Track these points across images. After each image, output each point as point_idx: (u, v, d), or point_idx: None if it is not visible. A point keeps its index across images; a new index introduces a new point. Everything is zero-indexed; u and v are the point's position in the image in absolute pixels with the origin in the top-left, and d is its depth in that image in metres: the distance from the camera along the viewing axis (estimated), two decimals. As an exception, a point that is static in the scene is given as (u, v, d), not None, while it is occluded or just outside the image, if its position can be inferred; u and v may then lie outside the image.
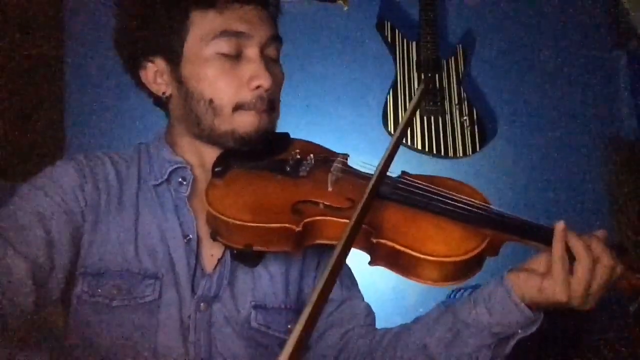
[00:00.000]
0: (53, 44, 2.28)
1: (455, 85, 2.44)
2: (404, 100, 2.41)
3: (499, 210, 0.97)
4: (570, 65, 2.56)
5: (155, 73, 1.09)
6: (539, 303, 0.92)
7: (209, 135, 1.07)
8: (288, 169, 1.07)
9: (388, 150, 0.98)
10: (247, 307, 1.07)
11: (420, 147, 2.38)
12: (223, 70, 1.04)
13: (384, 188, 1.01)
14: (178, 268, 1.03)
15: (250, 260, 1.07)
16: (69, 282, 1.01)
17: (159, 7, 1.04)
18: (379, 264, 0.95)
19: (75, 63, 2.32)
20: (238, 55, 1.04)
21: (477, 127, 2.41)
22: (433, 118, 2.41)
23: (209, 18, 1.03)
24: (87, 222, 1.03)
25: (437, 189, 1.01)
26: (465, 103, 2.43)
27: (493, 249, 0.94)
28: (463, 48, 2.49)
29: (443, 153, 2.39)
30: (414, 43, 2.45)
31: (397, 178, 1.06)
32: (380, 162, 0.97)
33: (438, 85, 2.43)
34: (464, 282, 0.93)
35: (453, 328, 0.99)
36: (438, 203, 0.98)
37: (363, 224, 0.93)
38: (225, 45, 1.03)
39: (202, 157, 1.11)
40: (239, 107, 1.04)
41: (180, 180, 1.09)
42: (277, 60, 1.11)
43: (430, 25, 2.43)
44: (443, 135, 2.40)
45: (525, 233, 0.93)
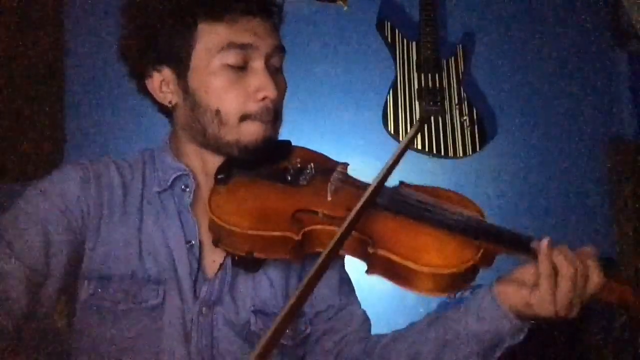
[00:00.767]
0: (53, 44, 2.28)
1: (455, 85, 2.44)
2: (404, 100, 2.41)
3: (493, 224, 0.99)
4: (570, 66, 2.56)
5: (162, 82, 1.09)
6: (526, 314, 0.94)
7: (214, 144, 1.08)
8: (289, 178, 1.09)
9: (388, 164, 0.98)
10: (247, 311, 1.08)
11: (420, 147, 2.38)
12: (230, 82, 1.05)
13: (383, 199, 1.02)
14: (181, 273, 1.05)
15: (251, 267, 1.08)
16: (68, 286, 1.01)
17: (167, 17, 1.05)
18: (376, 274, 0.96)
19: (75, 63, 2.32)
20: (244, 67, 1.06)
21: (477, 127, 2.41)
22: (433, 118, 2.40)
23: (217, 30, 1.04)
24: (89, 227, 1.04)
25: (433, 201, 1.03)
26: (465, 103, 2.43)
27: (487, 261, 0.96)
28: (463, 48, 2.49)
29: (443, 153, 2.39)
30: (414, 43, 2.45)
31: (394, 188, 1.07)
32: (380, 173, 0.98)
33: (438, 85, 2.43)
34: (459, 291, 0.96)
35: (444, 336, 1.01)
36: (434, 215, 0.99)
37: (360, 234, 0.95)
38: (232, 57, 1.04)
39: (205, 164, 1.12)
40: (245, 117, 1.06)
41: (183, 188, 1.10)
42: (280, 69, 1.12)
43: (430, 25, 2.43)
44: (443, 135, 2.40)
45: (517, 246, 0.95)
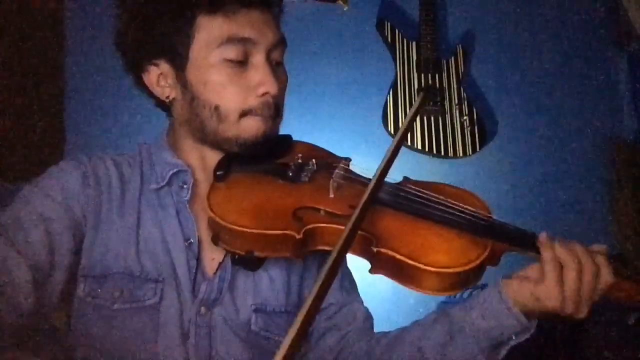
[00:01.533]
0: (53, 44, 2.28)
1: (455, 85, 2.44)
2: (404, 100, 2.41)
3: (500, 220, 0.97)
4: (571, 66, 2.56)
5: (159, 76, 1.07)
6: (533, 310, 0.93)
7: (213, 140, 1.06)
8: (290, 174, 1.06)
9: (387, 156, 0.96)
10: (247, 310, 1.06)
11: (420, 147, 2.38)
12: (229, 77, 1.02)
13: (386, 195, 0.99)
14: (179, 271, 1.03)
15: (251, 265, 1.06)
16: (70, 283, 1.00)
17: (165, 9, 1.03)
18: (380, 273, 0.94)
19: (75, 63, 2.31)
20: (244, 61, 1.03)
21: (477, 127, 2.41)
22: (433, 118, 2.41)
23: (216, 23, 1.02)
24: (88, 224, 1.02)
25: (438, 197, 1.00)
26: (465, 103, 2.43)
27: (494, 259, 0.94)
28: (463, 48, 2.49)
29: (443, 153, 2.39)
30: (414, 43, 2.45)
31: (398, 185, 1.04)
32: (379, 167, 0.96)
33: (438, 85, 2.43)
34: (463, 290, 0.93)
35: (448, 332, 0.99)
36: (439, 212, 0.97)
37: (364, 232, 0.92)
38: (232, 52, 1.02)
39: (204, 159, 1.10)
40: (245, 113, 1.03)
41: (181, 185, 1.08)
42: (281, 63, 1.10)
43: (430, 25, 2.43)
44: (443, 135, 2.40)
45: (525, 244, 0.93)
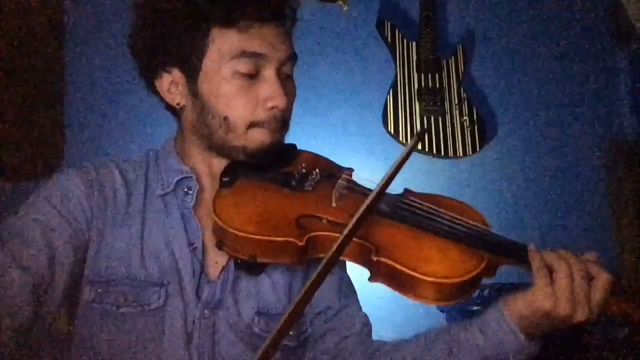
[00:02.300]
0: (53, 44, 2.28)
1: (455, 85, 2.44)
2: (404, 100, 2.41)
3: (496, 234, 1.00)
4: (571, 65, 2.56)
5: (171, 83, 1.09)
6: (531, 318, 0.94)
7: (220, 148, 1.08)
8: (294, 183, 1.09)
9: (390, 171, 0.97)
10: (250, 313, 1.08)
11: (420, 147, 2.38)
12: (240, 89, 1.05)
13: (386, 207, 1.02)
14: (183, 275, 1.05)
15: (254, 270, 1.08)
16: (71, 292, 1.01)
17: (180, 20, 1.04)
18: (379, 281, 0.96)
19: (75, 63, 2.32)
20: (255, 74, 1.05)
21: (477, 127, 2.41)
22: (433, 118, 2.41)
23: (230, 36, 1.04)
24: (93, 231, 1.04)
25: (437, 210, 1.03)
26: (465, 103, 2.43)
27: (490, 270, 0.97)
28: (463, 48, 2.49)
29: (443, 153, 2.39)
30: (414, 43, 2.45)
31: (399, 196, 1.07)
32: (381, 180, 0.97)
33: (438, 85, 2.43)
34: (461, 301, 0.96)
35: (448, 348, 1.01)
36: (438, 224, 1.00)
37: (364, 242, 0.95)
38: (244, 66, 1.04)
39: (210, 166, 1.12)
40: (253, 125, 1.06)
41: (186, 190, 1.10)
42: (291, 76, 1.12)
43: (430, 25, 2.43)
44: (443, 135, 2.40)
45: (521, 257, 0.96)
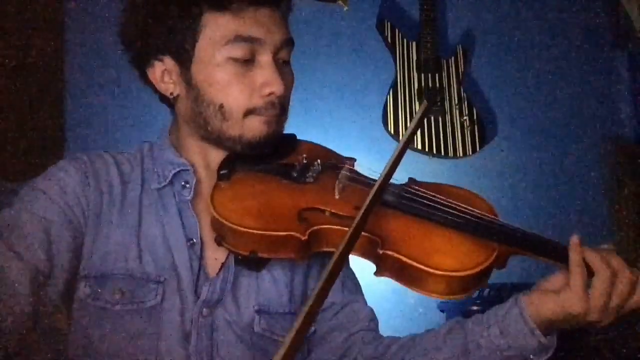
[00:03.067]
0: (53, 44, 2.28)
1: (455, 85, 2.44)
2: (404, 100, 2.41)
3: (507, 223, 0.95)
4: (570, 66, 2.56)
5: (164, 72, 1.06)
6: (556, 320, 0.90)
7: (217, 139, 1.05)
8: (295, 175, 1.04)
9: (392, 158, 0.94)
10: (250, 311, 1.05)
11: (420, 147, 2.38)
12: (235, 76, 1.01)
13: (391, 197, 0.98)
14: (181, 272, 1.01)
15: (255, 266, 1.04)
16: (70, 285, 0.99)
17: (171, 4, 1.02)
18: (385, 275, 0.92)
19: (75, 63, 2.32)
20: (250, 60, 1.02)
21: (477, 127, 2.41)
22: (433, 118, 2.41)
23: (223, 21, 1.00)
24: (89, 224, 1.01)
25: (445, 200, 0.98)
26: (465, 103, 2.43)
27: (501, 262, 0.93)
28: (463, 48, 2.49)
29: (443, 153, 2.39)
30: (414, 43, 2.45)
31: (404, 186, 1.03)
32: (384, 169, 0.94)
33: (438, 85, 2.43)
34: (470, 294, 0.92)
35: (463, 346, 0.97)
36: (446, 214, 0.96)
37: (369, 234, 0.91)
38: (239, 51, 1.00)
39: (207, 158, 1.09)
40: (250, 112, 1.02)
41: (183, 184, 1.07)
42: (288, 62, 1.08)
43: (430, 25, 2.43)
44: (443, 135, 2.40)
45: (534, 247, 0.92)
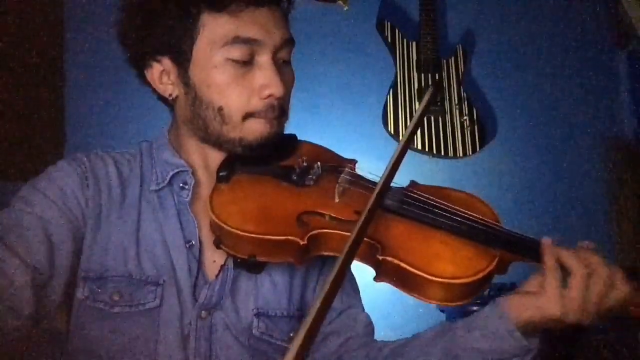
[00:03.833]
0: (53, 44, 2.28)
1: (455, 85, 2.44)
2: (404, 100, 2.41)
3: (510, 230, 0.94)
4: (570, 66, 2.57)
5: (162, 73, 1.04)
6: (535, 322, 0.90)
7: (216, 141, 1.04)
8: (294, 177, 1.03)
9: (393, 160, 0.92)
10: (249, 314, 1.04)
11: (420, 147, 2.38)
12: (234, 78, 1.00)
13: (392, 202, 0.97)
14: (179, 275, 1.01)
15: (254, 268, 1.03)
16: (70, 286, 0.98)
17: (168, 4, 0.99)
18: (384, 281, 0.92)
19: (75, 63, 2.32)
20: (249, 61, 1.00)
21: (477, 127, 2.42)
22: (433, 118, 2.41)
23: (221, 22, 0.98)
24: (88, 224, 1.00)
25: (446, 205, 0.97)
26: (465, 103, 2.43)
27: (502, 268, 0.92)
28: (463, 48, 2.49)
29: (443, 153, 2.39)
30: (414, 43, 2.45)
31: (405, 190, 1.01)
32: (384, 172, 0.92)
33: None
34: (471, 300, 0.91)
35: (450, 349, 0.97)
36: (447, 220, 0.94)
37: (369, 239, 0.90)
38: (237, 52, 0.99)
39: (206, 159, 1.08)
40: (249, 115, 1.01)
41: (182, 185, 1.06)
42: (288, 62, 1.07)
43: (430, 25, 2.43)
44: (443, 135, 2.40)
45: (536, 255, 0.90)
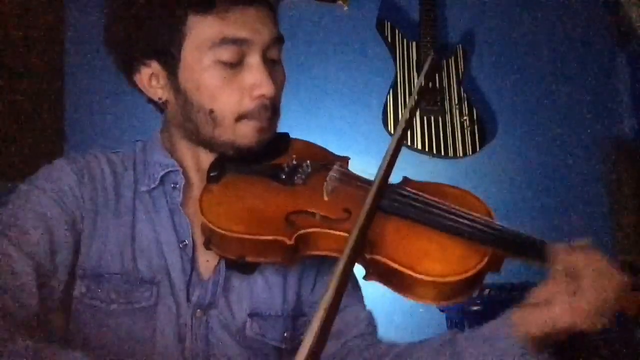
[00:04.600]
0: (53, 45, 2.28)
1: (455, 85, 2.44)
2: (404, 101, 2.41)
3: (502, 226, 0.91)
4: (570, 66, 2.57)
5: (151, 77, 1.03)
6: (547, 335, 0.86)
7: (208, 143, 1.04)
8: (283, 177, 1.02)
9: (387, 157, 0.90)
10: (242, 315, 1.04)
11: (420, 147, 2.38)
12: (223, 80, 0.99)
13: (383, 200, 0.95)
14: (173, 274, 1.01)
15: (245, 269, 1.03)
16: (70, 282, 0.99)
17: (154, 8, 0.99)
18: (374, 279, 0.90)
19: (75, 63, 2.32)
20: (239, 62, 0.99)
21: (477, 127, 2.42)
22: (433, 118, 2.41)
23: (208, 23, 0.97)
24: (85, 222, 1.00)
25: (437, 201, 0.95)
26: (465, 103, 2.43)
27: (494, 266, 0.90)
28: (463, 48, 2.49)
29: (443, 153, 2.39)
30: (414, 43, 2.45)
31: (396, 187, 0.99)
32: (379, 170, 0.90)
33: (438, 85, 2.43)
34: (465, 299, 0.89)
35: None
36: (438, 217, 0.92)
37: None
38: (226, 53, 0.98)
39: (198, 160, 1.08)
40: (242, 117, 1.00)
41: (173, 185, 1.06)
42: (278, 61, 1.06)
43: (430, 26, 2.44)
44: (443, 135, 2.40)
45: (527, 252, 0.88)
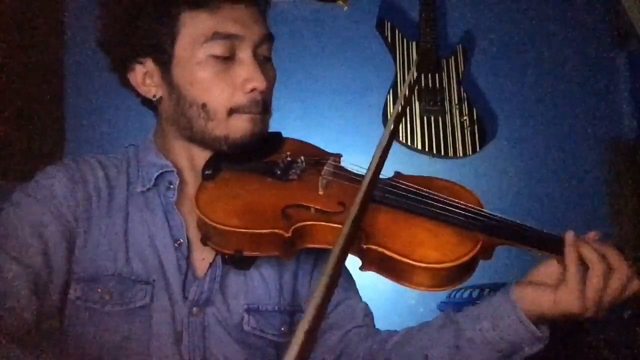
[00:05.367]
0: (53, 44, 2.28)
1: (455, 85, 2.44)
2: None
3: (492, 214, 0.95)
4: (570, 66, 2.56)
5: (145, 75, 1.06)
6: (550, 316, 0.91)
7: (201, 139, 1.05)
8: (278, 172, 1.04)
9: (379, 151, 0.91)
10: (239, 310, 1.05)
11: (420, 147, 2.38)
12: (216, 74, 1.01)
13: (375, 192, 0.98)
14: (169, 273, 1.02)
15: (242, 264, 1.05)
16: (66, 288, 0.99)
17: (147, 6, 1.01)
18: (370, 269, 0.93)
19: (75, 63, 2.32)
20: (231, 57, 1.02)
21: (477, 127, 2.42)
22: (433, 118, 2.41)
23: (200, 19, 1.00)
24: (79, 227, 1.01)
25: (429, 192, 0.99)
26: (465, 103, 2.43)
27: (486, 253, 0.93)
28: (463, 48, 2.49)
29: (443, 153, 2.39)
30: (414, 43, 2.45)
31: (388, 180, 1.03)
32: (371, 165, 0.91)
33: (438, 85, 2.43)
34: (458, 286, 0.92)
35: (456, 341, 0.98)
36: (430, 207, 0.96)
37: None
38: (218, 48, 1.00)
39: (193, 159, 1.09)
40: (234, 111, 1.02)
41: (167, 185, 1.07)
42: (269, 59, 1.09)
43: (430, 26, 2.44)
44: (443, 135, 2.40)
45: (519, 238, 0.92)
